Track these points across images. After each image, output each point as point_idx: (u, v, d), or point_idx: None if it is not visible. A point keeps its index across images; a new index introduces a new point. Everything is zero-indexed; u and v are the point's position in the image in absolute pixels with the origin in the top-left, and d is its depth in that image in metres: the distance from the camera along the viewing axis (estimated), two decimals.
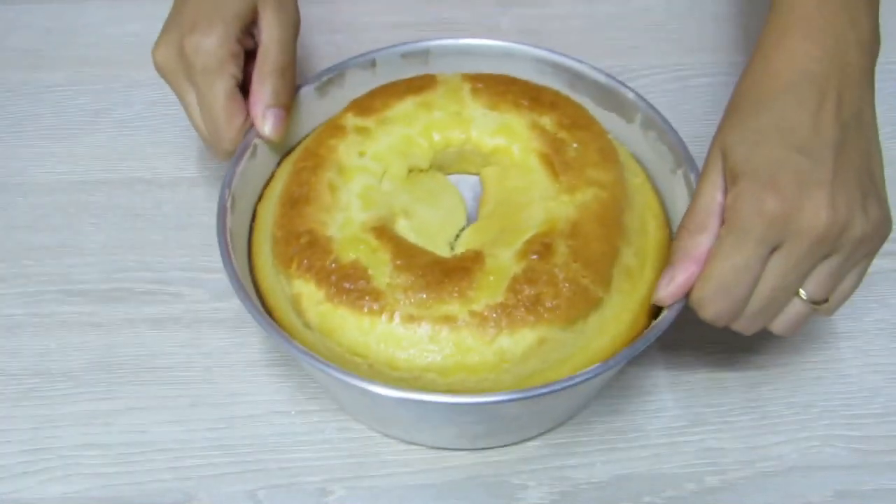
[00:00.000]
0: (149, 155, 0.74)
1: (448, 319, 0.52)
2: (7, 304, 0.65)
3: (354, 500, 0.56)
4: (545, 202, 0.57)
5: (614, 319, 0.54)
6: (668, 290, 0.52)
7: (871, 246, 0.52)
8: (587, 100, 0.65)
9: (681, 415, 0.60)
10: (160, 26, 0.85)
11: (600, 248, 0.54)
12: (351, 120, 0.61)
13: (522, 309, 0.52)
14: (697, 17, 0.85)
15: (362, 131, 0.61)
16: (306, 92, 0.64)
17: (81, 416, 0.59)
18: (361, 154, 0.60)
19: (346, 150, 0.60)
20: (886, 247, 0.68)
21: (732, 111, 0.54)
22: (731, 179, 0.51)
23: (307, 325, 0.54)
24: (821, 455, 0.58)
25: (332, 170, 0.58)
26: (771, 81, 0.53)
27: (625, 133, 0.64)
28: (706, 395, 0.60)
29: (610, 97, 0.64)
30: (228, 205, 0.57)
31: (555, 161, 0.59)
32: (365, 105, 0.62)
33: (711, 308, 0.51)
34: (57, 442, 0.58)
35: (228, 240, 0.55)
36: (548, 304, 0.52)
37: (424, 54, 0.66)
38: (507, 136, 0.61)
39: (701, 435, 0.59)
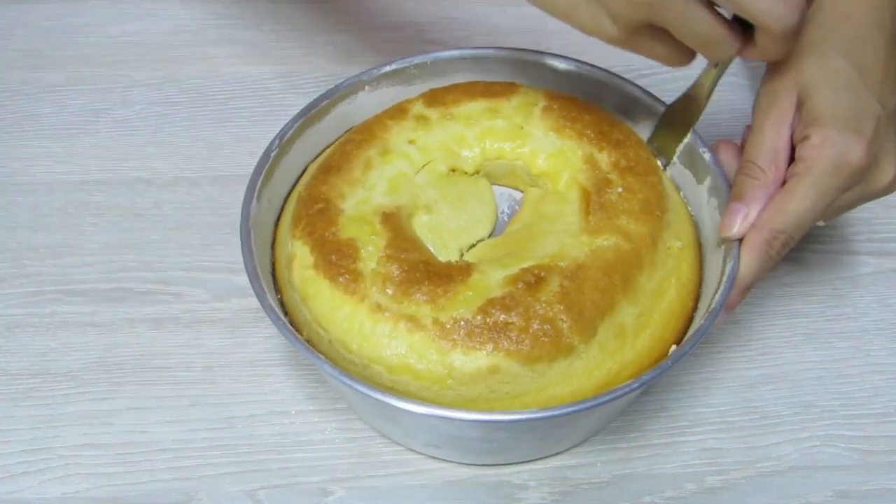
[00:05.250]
0: (149, 155, 0.74)
1: (411, 319, 0.51)
2: (7, 304, 0.65)
3: (354, 500, 0.56)
4: (564, 237, 0.55)
5: (584, 373, 0.52)
6: (743, 226, 0.53)
7: None
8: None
9: (681, 415, 0.60)
10: (160, 26, 0.84)
11: (594, 298, 0.52)
12: (417, 106, 0.62)
13: (485, 332, 0.51)
14: None
15: (421, 120, 0.61)
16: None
17: (81, 416, 0.59)
18: (411, 142, 0.60)
19: (398, 134, 0.60)
20: (886, 246, 0.68)
21: (813, 48, 0.54)
22: (809, 120, 0.52)
23: (292, 284, 0.55)
24: (821, 455, 0.58)
25: (376, 148, 0.59)
26: (843, 22, 0.54)
27: (693, 193, 0.60)
28: (706, 395, 0.60)
29: (689, 153, 0.60)
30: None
31: (591, 199, 0.57)
32: (438, 96, 0.62)
33: (783, 241, 0.52)
34: (57, 442, 0.58)
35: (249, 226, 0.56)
36: (512, 336, 0.50)
37: (541, 67, 0.65)
38: (557, 162, 0.60)
39: (701, 435, 0.59)
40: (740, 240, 0.54)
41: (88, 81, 0.79)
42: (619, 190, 0.57)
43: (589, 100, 0.63)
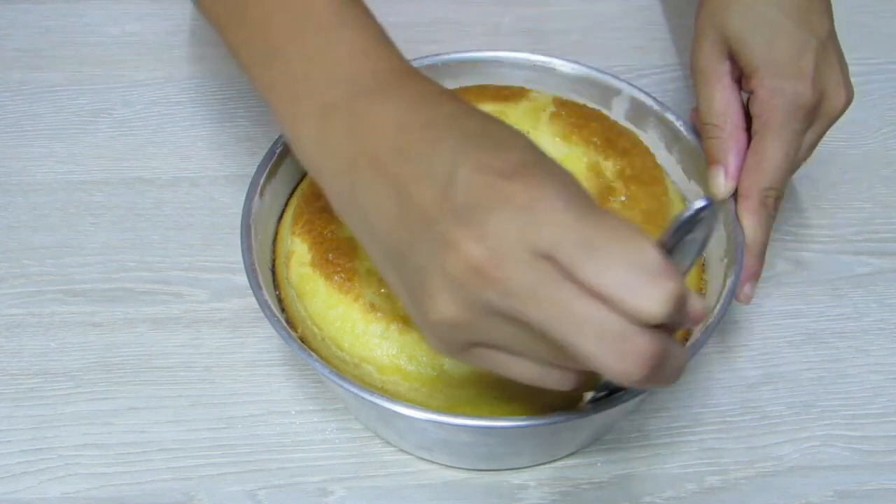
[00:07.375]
0: (149, 155, 0.74)
1: (404, 321, 0.51)
2: (7, 304, 0.65)
3: (354, 500, 0.56)
4: None
5: None
6: (728, 185, 0.54)
7: None
8: (679, 167, 0.62)
9: (681, 415, 0.60)
10: (160, 26, 0.84)
11: None
12: None
13: None
14: None
15: None
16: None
17: (81, 416, 0.59)
18: None
19: None
20: (886, 246, 0.68)
21: None
22: (749, 71, 0.53)
23: (289, 281, 0.55)
24: (821, 455, 0.58)
25: None
26: None
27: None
28: (706, 395, 0.60)
29: (700, 166, 0.59)
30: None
31: None
32: None
33: (775, 196, 0.54)
34: (57, 442, 0.58)
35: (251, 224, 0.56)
36: None
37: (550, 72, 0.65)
38: None
39: (701, 435, 0.59)
40: (740, 236, 0.54)
41: (88, 81, 0.79)
42: (623, 199, 0.56)
43: (597, 105, 0.63)
